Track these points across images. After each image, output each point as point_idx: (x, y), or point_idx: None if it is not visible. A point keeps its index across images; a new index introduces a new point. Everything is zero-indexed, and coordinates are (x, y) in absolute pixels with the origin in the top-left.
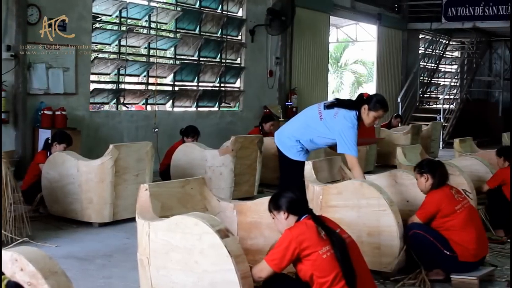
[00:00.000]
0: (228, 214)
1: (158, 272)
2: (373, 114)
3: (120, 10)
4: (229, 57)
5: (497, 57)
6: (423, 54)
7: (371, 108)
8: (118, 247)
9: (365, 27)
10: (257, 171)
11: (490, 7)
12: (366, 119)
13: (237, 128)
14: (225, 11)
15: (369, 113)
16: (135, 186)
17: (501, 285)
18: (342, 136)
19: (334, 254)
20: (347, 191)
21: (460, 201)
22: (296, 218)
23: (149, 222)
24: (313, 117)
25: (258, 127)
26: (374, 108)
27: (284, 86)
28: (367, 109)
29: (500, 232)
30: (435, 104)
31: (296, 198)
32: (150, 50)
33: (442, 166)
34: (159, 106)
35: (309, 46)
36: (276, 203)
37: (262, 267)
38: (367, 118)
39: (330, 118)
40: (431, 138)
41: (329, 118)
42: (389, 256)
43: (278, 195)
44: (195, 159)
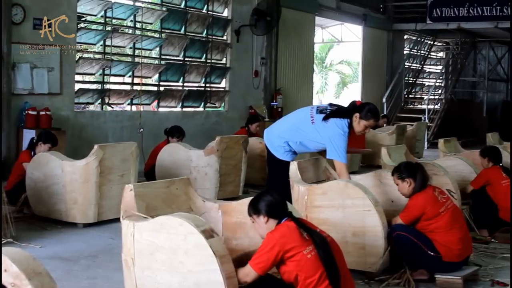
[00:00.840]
0: (213, 215)
1: (143, 273)
2: (364, 123)
3: (105, 10)
4: (215, 57)
5: (482, 57)
6: (408, 54)
7: (363, 117)
8: (103, 248)
9: (350, 27)
10: (242, 172)
11: (474, 8)
12: (357, 127)
13: (222, 128)
14: (210, 11)
15: (360, 122)
16: (120, 187)
17: (485, 284)
18: (332, 143)
19: (318, 254)
20: (332, 191)
21: (444, 203)
22: (276, 221)
23: (134, 223)
24: (305, 120)
25: (245, 127)
26: (365, 117)
27: (270, 86)
28: (358, 118)
29: (484, 232)
30: (420, 104)
31: (275, 201)
32: (135, 50)
33: (422, 168)
34: (144, 106)
35: (294, 46)
36: (255, 207)
37: (247, 272)
38: (358, 126)
39: (321, 123)
40: (416, 138)
41: (321, 123)
42: (374, 256)
43: (257, 199)
44: (180, 159)
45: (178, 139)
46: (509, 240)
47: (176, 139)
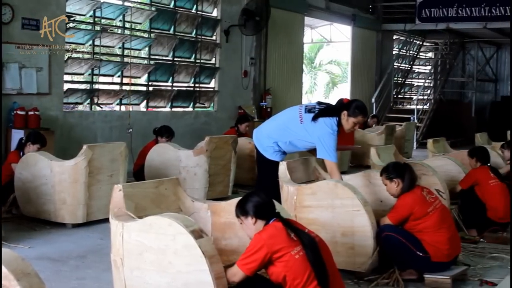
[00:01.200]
0: (202, 215)
1: (132, 273)
2: (353, 120)
3: (94, 9)
4: (204, 57)
5: (470, 58)
6: (397, 55)
7: (351, 114)
8: (92, 248)
9: (340, 27)
10: (232, 172)
11: (463, 8)
12: (346, 125)
13: (211, 128)
14: (199, 11)
15: (348, 119)
16: (109, 187)
17: (474, 284)
18: (322, 142)
19: (306, 254)
20: (321, 192)
21: (432, 203)
22: (264, 222)
23: (123, 223)
24: (293, 120)
25: (234, 128)
26: (353, 114)
27: (259, 86)
28: (347, 115)
29: (472, 231)
30: (409, 104)
31: (263, 202)
32: (124, 50)
33: (410, 168)
34: (133, 106)
35: (283, 46)
36: (243, 208)
37: (235, 272)
38: (347, 124)
39: (310, 122)
40: (405, 139)
41: (309, 122)
42: (363, 256)
43: (245, 200)
44: (169, 159)
45: (167, 139)
46: (498, 240)
47: (165, 139)
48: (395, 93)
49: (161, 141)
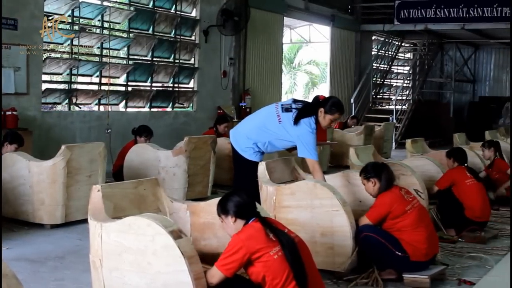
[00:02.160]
0: (181, 215)
1: (110, 274)
2: (329, 117)
3: (72, 9)
4: (183, 57)
5: (449, 58)
6: (376, 55)
7: (327, 111)
8: (70, 249)
9: (319, 28)
10: (211, 172)
11: (441, 9)
12: (323, 122)
13: (190, 128)
14: (178, 11)
15: (325, 116)
16: (87, 187)
17: (452, 283)
18: (302, 141)
19: (284, 255)
20: (300, 192)
21: (410, 201)
22: (243, 222)
23: (102, 224)
24: (271, 120)
25: (213, 128)
26: (330, 111)
27: (238, 86)
28: (324, 112)
29: (451, 231)
30: (387, 105)
31: (243, 202)
32: (103, 50)
33: (387, 168)
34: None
35: (263, 46)
36: (223, 207)
37: (213, 273)
38: (324, 121)
39: (289, 122)
40: (384, 139)
41: (288, 122)
42: (342, 256)
43: (226, 199)
44: (148, 159)
45: (146, 138)
46: (476, 239)
47: (144, 139)
48: (374, 93)
49: (140, 141)
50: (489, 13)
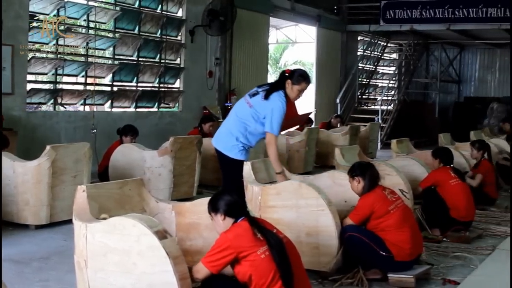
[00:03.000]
0: (166, 215)
1: (95, 275)
2: (297, 87)
3: (57, 9)
4: (169, 57)
5: (434, 59)
6: (362, 55)
7: (295, 82)
8: (55, 250)
9: (305, 28)
10: (196, 172)
11: (427, 10)
12: (291, 94)
13: (176, 128)
14: (164, 11)
15: (293, 87)
16: (72, 188)
17: (437, 283)
18: (272, 115)
19: (271, 255)
20: (286, 192)
21: (394, 201)
22: (232, 220)
23: (86, 224)
24: (243, 108)
25: (198, 128)
26: (297, 81)
27: (224, 86)
28: (291, 84)
29: (436, 231)
30: (373, 105)
31: (234, 201)
32: (89, 50)
33: (373, 168)
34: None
35: (248, 47)
36: (214, 205)
37: (199, 268)
38: (292, 92)
39: (259, 102)
40: (369, 139)
41: (258, 102)
42: (327, 256)
43: (217, 197)
44: (134, 160)
45: (132, 138)
46: (460, 239)
47: (129, 138)
48: (360, 93)
49: (126, 141)
50: (474, 13)
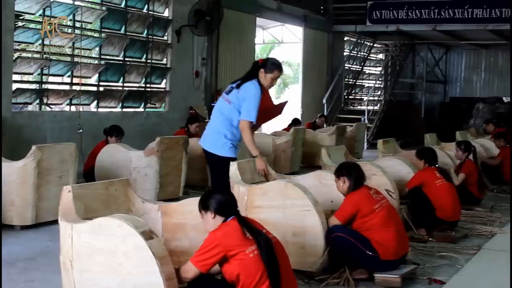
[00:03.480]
0: (152, 216)
1: (81, 275)
2: (270, 76)
3: (43, 8)
4: (155, 57)
5: (420, 59)
6: (348, 56)
7: (268, 70)
8: (41, 250)
9: (291, 28)
10: (183, 172)
11: (413, 10)
12: (265, 82)
13: (162, 129)
14: (151, 11)
15: (266, 76)
16: (58, 188)
17: (423, 283)
18: (247, 102)
19: (260, 254)
20: (272, 192)
21: (379, 201)
22: (222, 219)
23: (72, 224)
24: (224, 106)
25: (184, 128)
26: (270, 70)
27: (210, 87)
28: (264, 72)
29: (422, 231)
30: (359, 105)
31: (225, 200)
32: (75, 49)
33: (358, 168)
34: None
35: (235, 47)
36: (204, 203)
37: (188, 268)
38: (265, 80)
39: (236, 95)
40: (356, 139)
41: (235, 95)
42: (313, 256)
43: (208, 195)
44: (120, 160)
45: (117, 138)
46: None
47: (114, 139)
48: (346, 94)
49: (111, 141)
50: (460, 14)
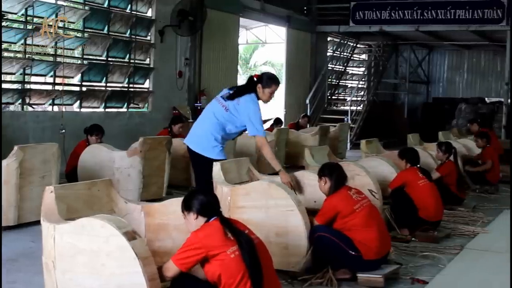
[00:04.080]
0: (135, 216)
1: (64, 276)
2: (268, 90)
3: (26, 8)
4: (138, 57)
5: (403, 60)
6: (332, 56)
7: (265, 85)
8: (23, 251)
9: (274, 29)
10: (166, 173)
11: (396, 11)
12: (263, 97)
13: (145, 129)
14: (134, 11)
15: (264, 91)
16: (40, 188)
17: (405, 282)
18: (251, 119)
19: (241, 255)
20: (255, 192)
21: (359, 201)
22: (205, 219)
23: (55, 225)
24: (219, 111)
25: (167, 128)
26: (267, 84)
27: (194, 87)
28: (262, 87)
29: (404, 231)
30: (343, 105)
31: (207, 201)
32: (57, 49)
33: (340, 169)
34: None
35: (218, 47)
36: (187, 204)
37: (169, 266)
38: (263, 95)
39: (234, 106)
40: (339, 139)
41: (234, 106)
42: (297, 256)
43: (191, 196)
44: (102, 160)
45: (97, 137)
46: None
47: (95, 138)
48: (329, 94)
49: (91, 140)
50: (443, 15)
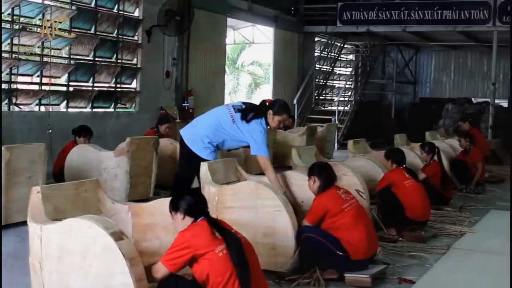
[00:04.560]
0: (122, 216)
1: (51, 277)
2: (278, 118)
3: (12, 7)
4: (125, 57)
5: (390, 60)
6: (319, 56)
7: (276, 112)
8: (10, 252)
9: (262, 29)
10: (153, 173)
11: (383, 12)
12: (272, 123)
13: (133, 129)
14: (121, 11)
15: (274, 118)
16: (27, 189)
17: (393, 282)
18: (256, 140)
19: (229, 254)
20: (242, 192)
21: (348, 201)
22: (192, 220)
23: (41, 225)
24: (225, 119)
25: (154, 128)
26: (278, 113)
27: (181, 87)
28: (272, 114)
29: (391, 230)
30: (330, 106)
31: (194, 201)
32: (44, 49)
33: (330, 169)
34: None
35: (206, 47)
36: (174, 204)
37: (158, 268)
38: (273, 122)
39: (242, 123)
40: (326, 139)
41: (241, 123)
42: (284, 256)
43: (178, 196)
44: (90, 160)
45: (85, 138)
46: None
47: (83, 139)
48: (317, 94)
49: (79, 141)
50: (429, 15)
